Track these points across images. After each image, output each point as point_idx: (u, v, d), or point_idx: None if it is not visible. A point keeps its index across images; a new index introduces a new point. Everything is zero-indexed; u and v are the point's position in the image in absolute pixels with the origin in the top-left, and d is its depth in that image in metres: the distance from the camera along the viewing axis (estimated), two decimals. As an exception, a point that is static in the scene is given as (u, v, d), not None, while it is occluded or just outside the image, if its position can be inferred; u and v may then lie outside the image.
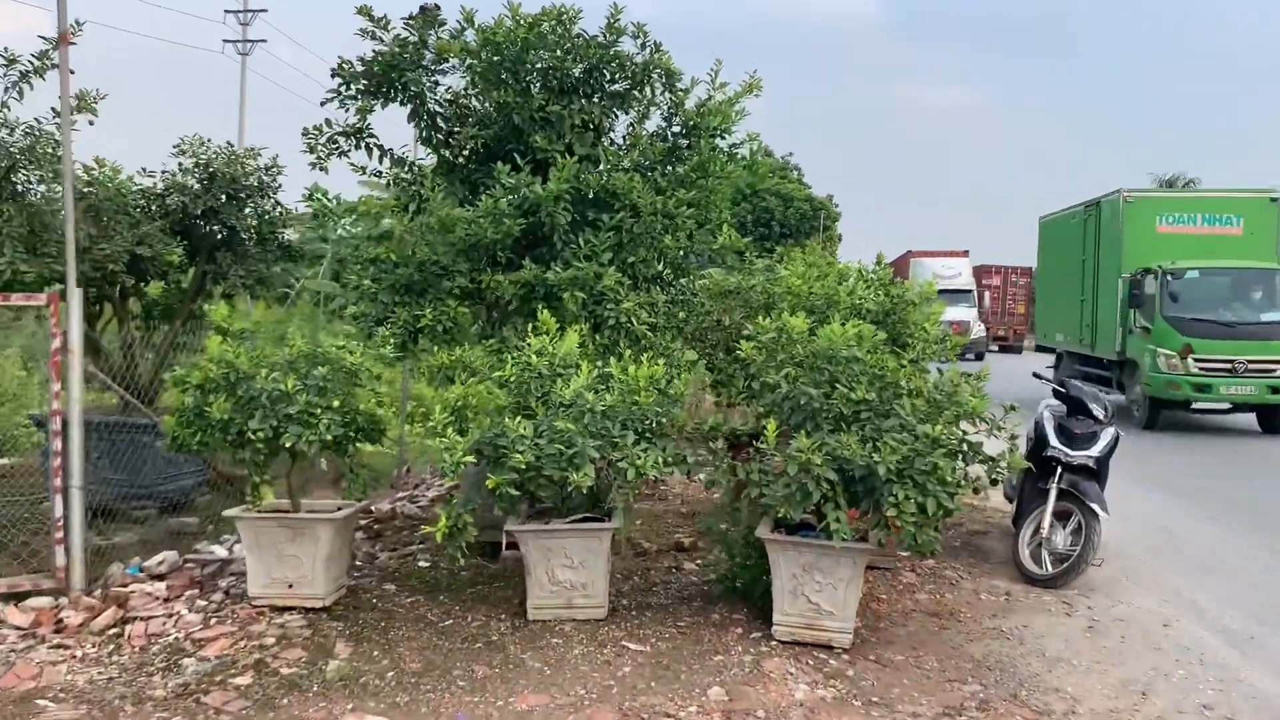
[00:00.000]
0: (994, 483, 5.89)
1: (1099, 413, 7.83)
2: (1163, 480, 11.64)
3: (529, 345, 5.95)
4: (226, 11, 44.12)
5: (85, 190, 9.43)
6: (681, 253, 7.53)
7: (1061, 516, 7.60)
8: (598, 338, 6.97)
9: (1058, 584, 7.32)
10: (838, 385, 5.73)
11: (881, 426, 5.71)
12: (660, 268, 7.65)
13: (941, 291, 34.79)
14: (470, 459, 5.57)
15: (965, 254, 42.37)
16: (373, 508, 9.51)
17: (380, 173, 8.16)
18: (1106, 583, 7.53)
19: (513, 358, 5.90)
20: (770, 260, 10.38)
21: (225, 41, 44.29)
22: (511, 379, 5.82)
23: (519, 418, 5.65)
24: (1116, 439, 7.77)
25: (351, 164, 8.19)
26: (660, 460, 5.75)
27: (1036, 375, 8.23)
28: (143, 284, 10.59)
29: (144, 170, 10.30)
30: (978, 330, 37.44)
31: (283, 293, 21.82)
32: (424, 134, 8.07)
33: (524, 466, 5.49)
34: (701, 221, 7.66)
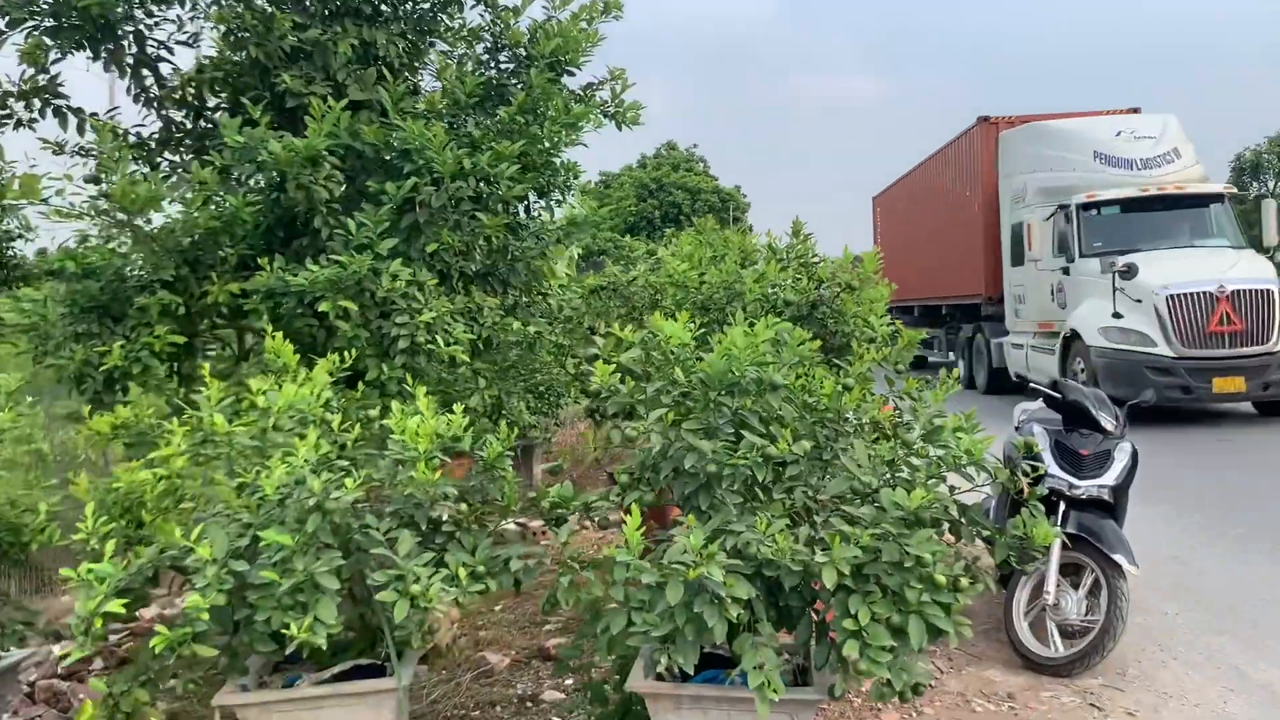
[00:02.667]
0: (1006, 573, 3.71)
1: (1108, 423, 5.70)
2: (1154, 489, 9.58)
3: (206, 398, 3.54)
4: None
5: None
6: (520, 235, 5.20)
7: (1070, 571, 5.47)
8: (385, 368, 4.61)
9: (1073, 671, 5.17)
10: (747, 430, 3.46)
11: (820, 490, 3.49)
12: (489, 259, 5.32)
13: (1134, 205, 13.72)
14: (118, 607, 3.17)
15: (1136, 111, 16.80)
16: (146, 613, 7.00)
17: (83, 149, 5.71)
18: (1134, 656, 5.42)
19: (184, 423, 3.49)
20: (656, 245, 8.02)
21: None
22: (178, 462, 3.40)
23: (202, 526, 3.27)
24: (1135, 458, 5.65)
25: (43, 140, 5.74)
26: (462, 573, 3.42)
27: (1019, 376, 6.07)
28: None
29: None
30: None
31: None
32: (136, 89, 5.62)
33: (208, 614, 3.12)
34: (542, 189, 5.34)
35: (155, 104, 5.66)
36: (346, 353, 4.21)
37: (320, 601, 3.18)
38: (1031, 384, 5.99)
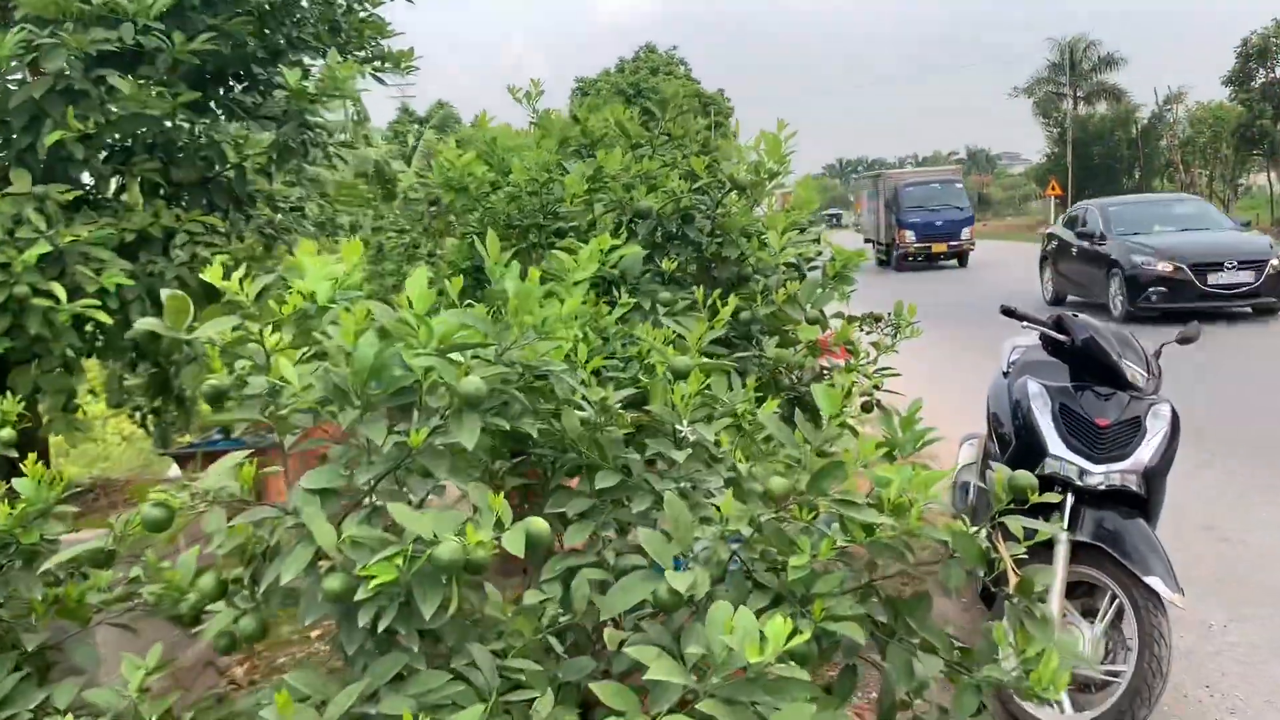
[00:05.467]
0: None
1: (1137, 375, 3.94)
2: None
3: None
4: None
5: None
6: (233, 117, 3.35)
7: (1082, 592, 3.79)
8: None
9: (1090, 746, 3.51)
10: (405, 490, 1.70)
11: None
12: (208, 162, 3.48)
13: None
14: None
15: None
16: None
17: None
18: (1171, 709, 3.79)
19: None
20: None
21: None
22: None
23: None
24: (1176, 426, 3.90)
25: None
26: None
27: (1006, 310, 4.27)
28: None
29: None
30: None
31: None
32: None
33: None
34: (276, 49, 3.47)
35: None
36: None
37: None
38: (1024, 317, 4.21)
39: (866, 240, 31.59)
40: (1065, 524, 3.66)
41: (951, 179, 29.80)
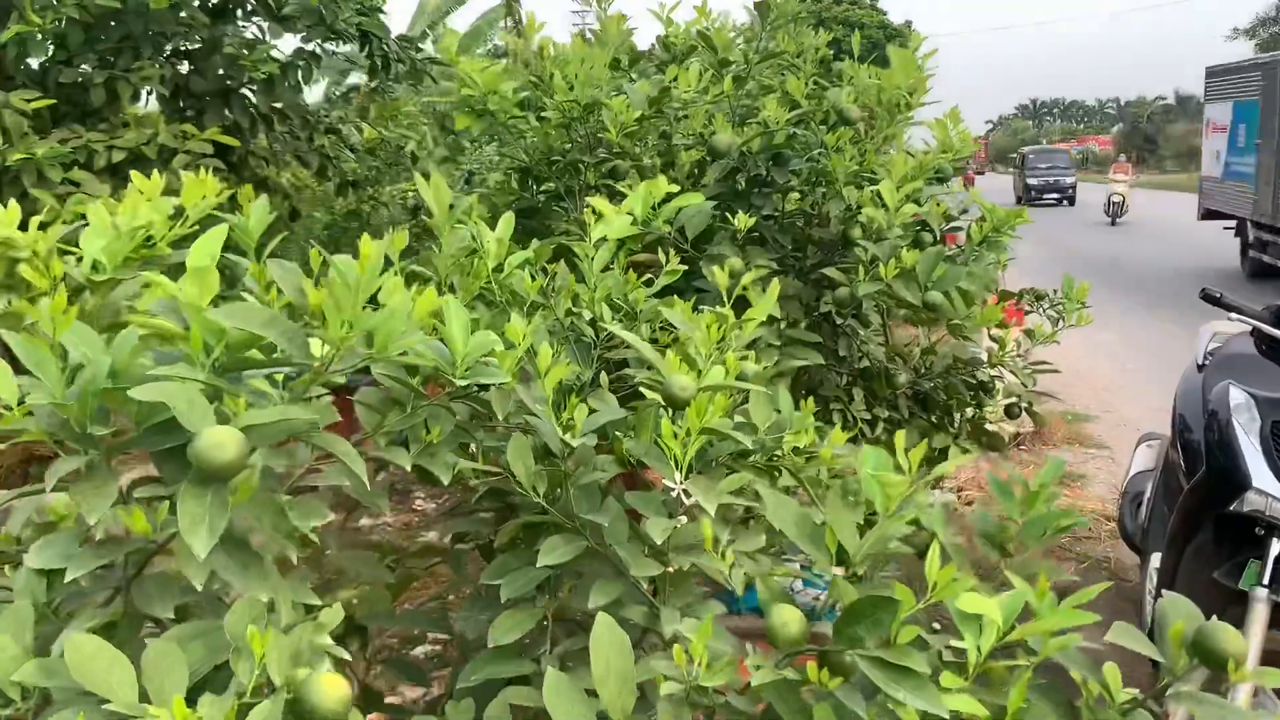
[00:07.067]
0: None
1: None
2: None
3: None
4: None
5: None
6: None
7: (1278, 663, 2.93)
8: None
9: None
10: None
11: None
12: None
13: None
14: None
15: None
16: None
17: None
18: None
19: None
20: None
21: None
22: None
23: None
24: None
25: None
26: None
27: (1208, 296, 3.37)
28: None
29: None
30: None
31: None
32: None
33: None
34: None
35: None
36: None
37: None
38: (1231, 306, 3.28)
39: (1208, 214, 15.91)
40: (1268, 578, 2.82)
41: None
